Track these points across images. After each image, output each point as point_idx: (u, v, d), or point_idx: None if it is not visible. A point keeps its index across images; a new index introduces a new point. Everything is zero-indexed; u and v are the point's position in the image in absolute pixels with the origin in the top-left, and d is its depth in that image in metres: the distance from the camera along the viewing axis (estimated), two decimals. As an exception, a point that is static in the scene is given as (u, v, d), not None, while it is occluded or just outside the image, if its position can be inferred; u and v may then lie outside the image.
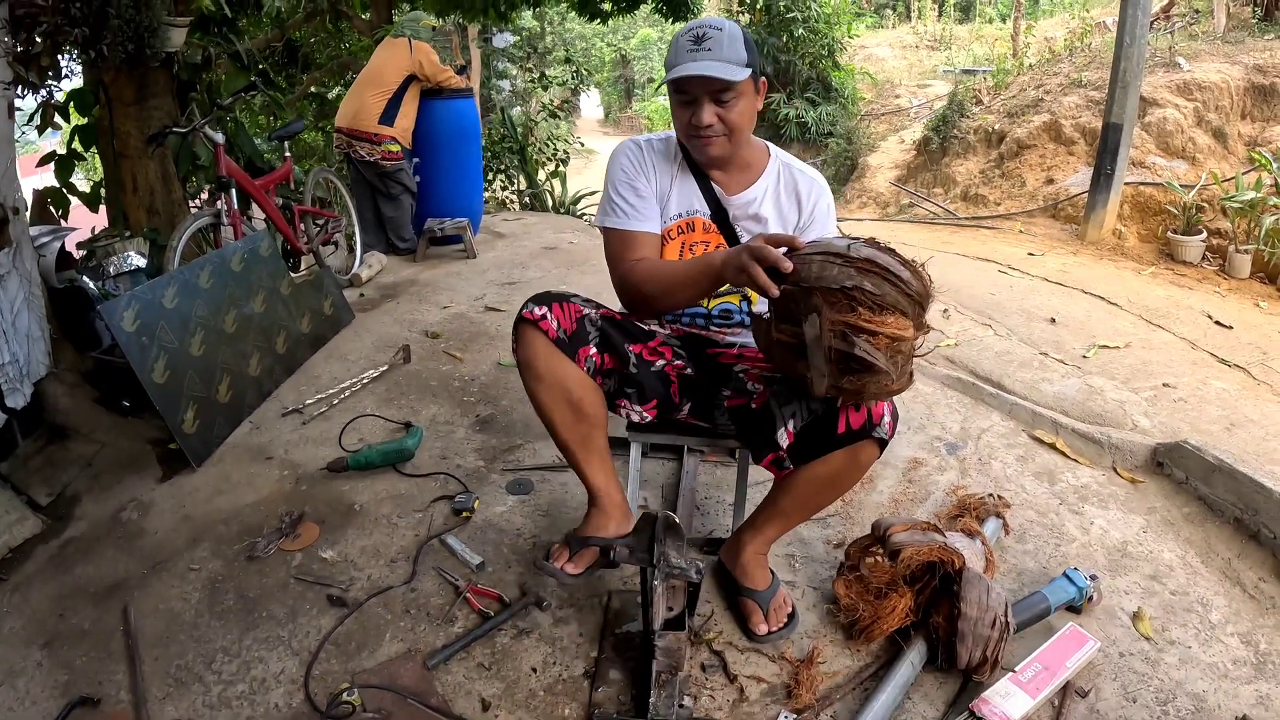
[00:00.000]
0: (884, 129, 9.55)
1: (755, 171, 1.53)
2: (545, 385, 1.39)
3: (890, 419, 1.33)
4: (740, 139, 1.45)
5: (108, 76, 2.79)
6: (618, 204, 1.50)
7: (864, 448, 1.33)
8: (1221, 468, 1.95)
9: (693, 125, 1.40)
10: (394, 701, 1.34)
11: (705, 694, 1.40)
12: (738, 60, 1.36)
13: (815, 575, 1.70)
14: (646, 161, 1.52)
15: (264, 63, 5.02)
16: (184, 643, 1.49)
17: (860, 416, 1.30)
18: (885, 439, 1.33)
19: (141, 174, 2.96)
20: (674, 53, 1.40)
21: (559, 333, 1.38)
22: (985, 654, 1.37)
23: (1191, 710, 1.39)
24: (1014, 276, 4.31)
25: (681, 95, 1.40)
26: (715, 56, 1.35)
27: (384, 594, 1.61)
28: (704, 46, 1.35)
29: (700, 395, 1.55)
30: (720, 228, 1.53)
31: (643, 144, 1.55)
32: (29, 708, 1.37)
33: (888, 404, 1.33)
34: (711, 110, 1.38)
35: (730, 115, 1.39)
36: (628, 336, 1.49)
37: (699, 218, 1.52)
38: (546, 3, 7.59)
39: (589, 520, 1.51)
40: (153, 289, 2.14)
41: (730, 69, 1.35)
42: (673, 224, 1.53)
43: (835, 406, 1.31)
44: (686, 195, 1.52)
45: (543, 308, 1.39)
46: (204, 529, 1.82)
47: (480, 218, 4.79)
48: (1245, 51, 6.32)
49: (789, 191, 1.53)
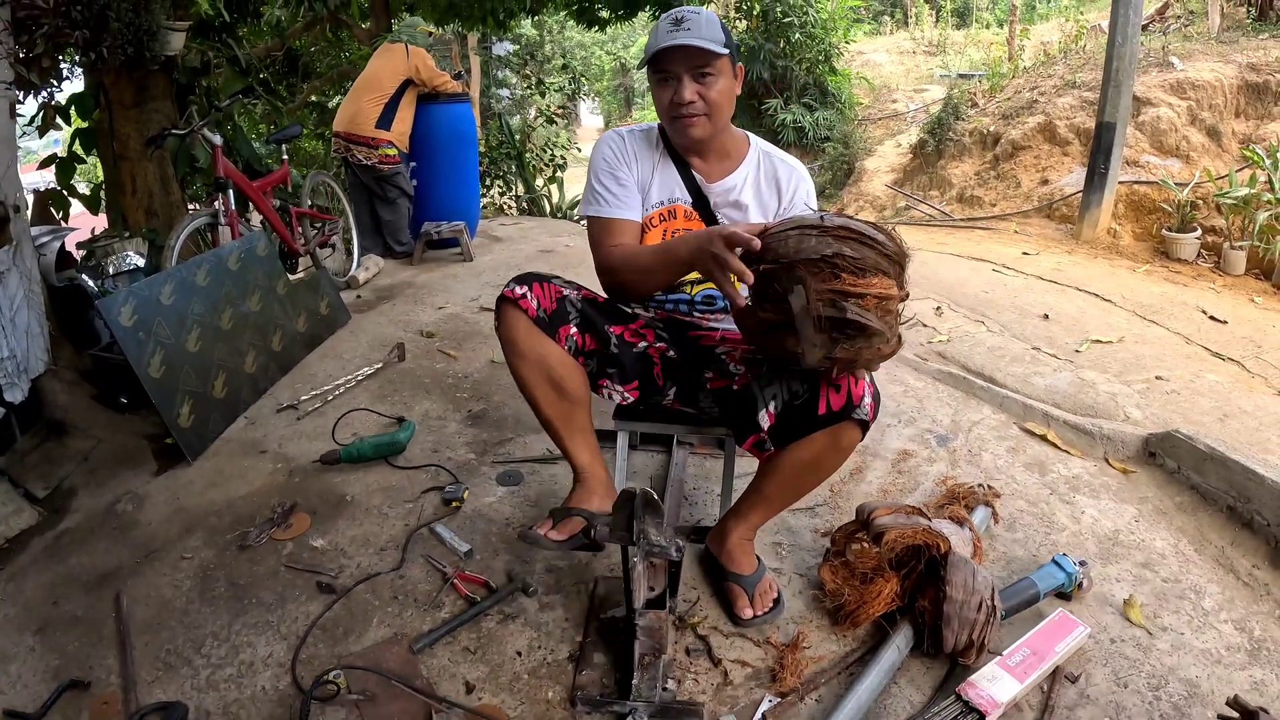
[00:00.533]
0: (881, 133, 9.58)
1: (736, 159, 1.55)
2: (527, 363, 1.42)
3: (871, 400, 1.33)
4: (720, 120, 1.47)
5: (108, 79, 2.83)
6: (599, 193, 1.53)
7: (845, 430, 1.34)
8: (1214, 456, 1.95)
9: (674, 104, 1.43)
10: (379, 684, 1.35)
11: (689, 678, 1.40)
12: (716, 41, 1.40)
13: (802, 563, 1.70)
14: (628, 151, 1.55)
15: (264, 71, 5.07)
16: (174, 628, 1.51)
17: (840, 398, 1.31)
18: (866, 420, 1.33)
19: (140, 176, 3.00)
20: (655, 37, 1.43)
21: (539, 312, 1.41)
22: (971, 638, 1.37)
23: (1185, 696, 1.38)
24: (1008, 275, 4.32)
25: (662, 74, 1.43)
26: (693, 35, 1.39)
27: (372, 580, 1.62)
28: (683, 27, 1.39)
29: (684, 378, 1.56)
30: (701, 215, 1.55)
31: (625, 134, 1.57)
32: (20, 691, 1.38)
33: (869, 385, 1.33)
34: (693, 88, 1.41)
35: (710, 93, 1.42)
36: (608, 318, 1.50)
37: (680, 205, 1.54)
38: (545, 11, 7.66)
39: (573, 495, 1.52)
40: (150, 285, 2.16)
41: (709, 44, 1.39)
42: (654, 211, 1.55)
43: (817, 388, 1.32)
44: (668, 183, 1.55)
45: (523, 287, 1.41)
46: (197, 520, 1.84)
47: (477, 222, 4.83)
48: (1239, 51, 6.35)
49: (769, 179, 1.55)
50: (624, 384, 1.51)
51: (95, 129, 3.06)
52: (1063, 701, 1.36)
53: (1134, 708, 1.36)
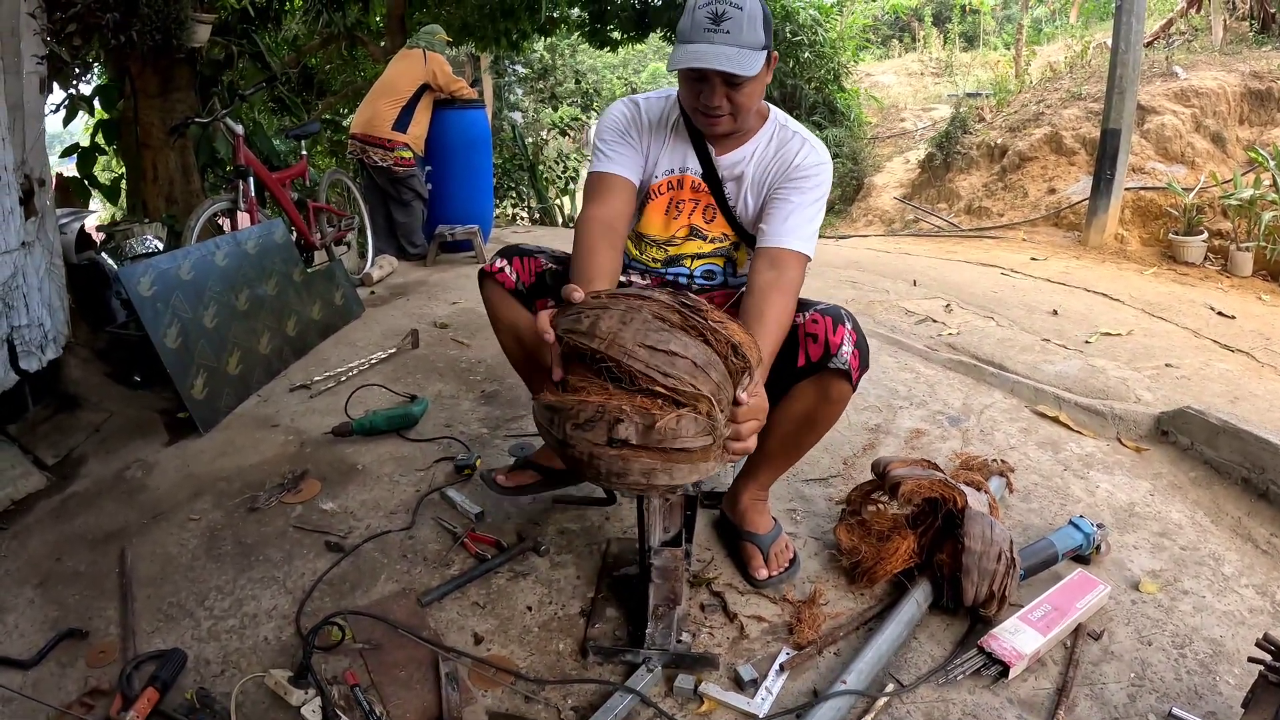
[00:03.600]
0: (889, 151, 9.66)
1: (749, 133, 1.49)
2: (501, 328, 1.54)
3: (853, 349, 1.32)
4: (745, 117, 1.41)
5: (134, 68, 2.90)
6: (600, 150, 1.50)
7: (832, 382, 1.33)
8: (1226, 429, 1.93)
9: (702, 103, 1.36)
10: (385, 633, 1.33)
11: (704, 631, 1.38)
12: (755, 44, 1.30)
13: (817, 527, 1.68)
14: (640, 118, 1.51)
15: (280, 87, 5.18)
16: (178, 582, 1.50)
17: (819, 348, 1.33)
18: (846, 369, 1.32)
19: (162, 164, 3.06)
20: (689, 26, 1.32)
21: (516, 284, 1.50)
22: (992, 589, 1.35)
23: (1210, 654, 1.35)
24: (1016, 278, 4.31)
25: (695, 73, 1.34)
26: (734, 40, 1.28)
27: (381, 539, 1.61)
28: (722, 27, 1.28)
29: None
30: (710, 186, 1.51)
31: (640, 101, 1.54)
32: (16, 640, 1.37)
33: (850, 333, 1.33)
34: (722, 93, 1.34)
35: (740, 97, 1.35)
36: None
37: (689, 175, 1.51)
38: (557, 32, 7.81)
39: (541, 450, 1.57)
40: (171, 259, 2.20)
41: (748, 58, 1.29)
42: (662, 179, 1.52)
43: (796, 343, 1.34)
44: (680, 153, 1.51)
45: (503, 261, 1.51)
46: (206, 485, 1.84)
47: (490, 225, 4.87)
48: (1242, 60, 6.40)
49: (776, 152, 1.47)
50: None
51: (117, 121, 3.13)
52: (1087, 657, 1.33)
53: (1159, 664, 1.33)
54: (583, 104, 8.80)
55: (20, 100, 1.97)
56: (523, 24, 6.88)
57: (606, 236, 1.39)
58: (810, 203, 1.41)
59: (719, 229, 1.52)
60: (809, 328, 1.34)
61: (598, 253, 1.35)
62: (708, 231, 1.52)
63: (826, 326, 1.33)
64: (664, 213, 1.53)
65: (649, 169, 1.52)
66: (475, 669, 1.28)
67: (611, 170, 1.47)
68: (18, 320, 1.95)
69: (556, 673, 1.28)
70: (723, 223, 1.52)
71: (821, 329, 1.33)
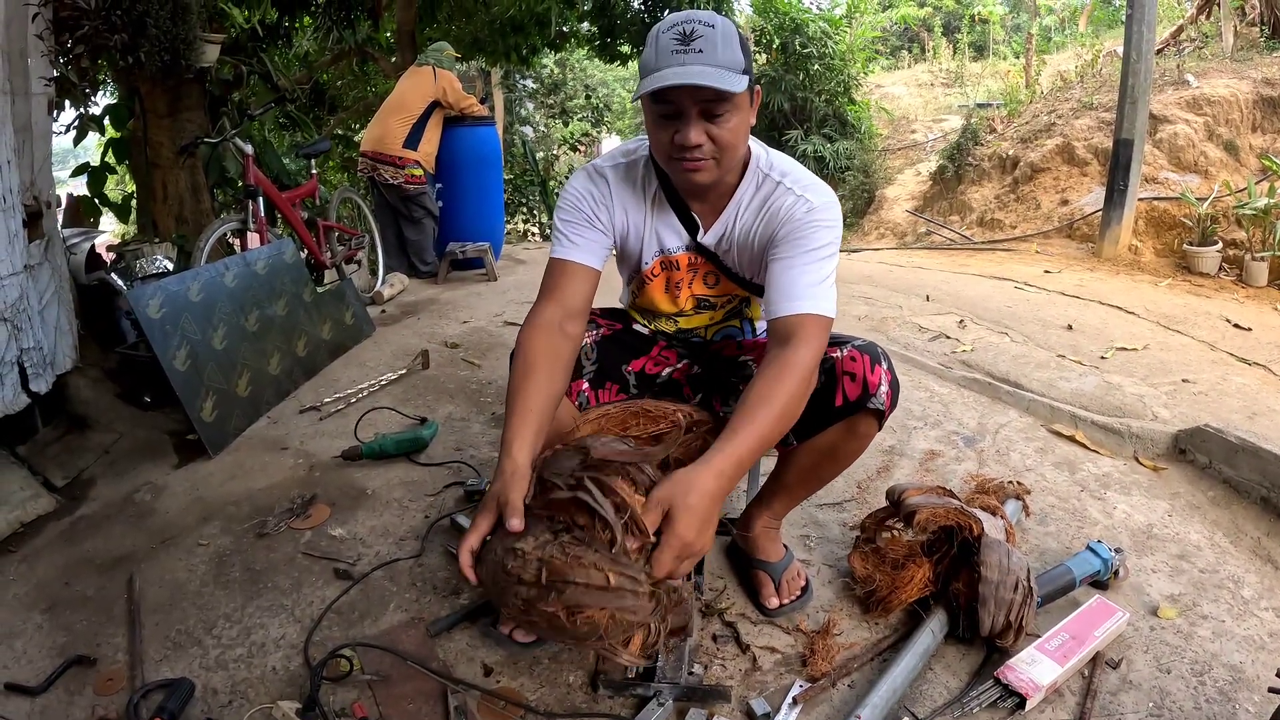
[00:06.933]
0: (900, 163, 9.64)
1: (729, 192, 1.30)
2: None
3: (888, 389, 1.30)
4: (730, 162, 1.21)
5: (144, 88, 2.93)
6: (560, 234, 1.35)
7: (861, 419, 1.31)
8: (1245, 448, 1.90)
9: (676, 145, 1.15)
10: (393, 664, 1.31)
11: (716, 663, 1.35)
12: (733, 65, 1.11)
13: (831, 554, 1.66)
14: (609, 194, 1.34)
15: (291, 103, 5.25)
16: (186, 609, 1.49)
17: (857, 387, 1.28)
18: (882, 409, 1.29)
19: (172, 183, 3.08)
20: (654, 53, 1.12)
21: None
22: (1009, 619, 1.32)
23: (1230, 681, 1.32)
24: (1030, 291, 4.27)
25: (663, 107, 1.14)
26: (707, 60, 1.09)
27: (390, 566, 1.59)
28: (693, 47, 1.09)
29: (712, 387, 1.55)
30: (707, 257, 1.39)
31: (606, 171, 1.35)
32: (24, 666, 1.36)
33: (886, 373, 1.30)
34: (701, 128, 1.13)
35: (722, 133, 1.15)
36: (627, 353, 1.48)
37: (681, 255, 1.38)
38: (566, 48, 7.86)
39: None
40: (180, 281, 2.20)
41: (726, 76, 1.09)
42: (653, 262, 1.40)
43: (835, 379, 1.29)
44: (667, 229, 1.36)
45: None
46: (215, 509, 1.83)
47: (501, 243, 4.88)
48: (1254, 67, 6.34)
49: (759, 210, 1.30)
50: None
51: (127, 139, 3.16)
52: (1105, 687, 1.30)
53: (1178, 693, 1.29)
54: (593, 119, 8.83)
55: (29, 122, 1.98)
56: (533, 39, 6.94)
57: (547, 354, 1.22)
58: (812, 257, 1.23)
59: (725, 290, 1.45)
60: (847, 365, 1.29)
61: (530, 383, 1.19)
62: (716, 300, 1.47)
63: (865, 366, 1.28)
64: (664, 291, 1.46)
65: (636, 251, 1.40)
66: (484, 701, 1.26)
67: (570, 258, 1.31)
68: (28, 342, 1.96)
69: (566, 706, 1.25)
70: (728, 284, 1.44)
71: (860, 367, 1.28)
